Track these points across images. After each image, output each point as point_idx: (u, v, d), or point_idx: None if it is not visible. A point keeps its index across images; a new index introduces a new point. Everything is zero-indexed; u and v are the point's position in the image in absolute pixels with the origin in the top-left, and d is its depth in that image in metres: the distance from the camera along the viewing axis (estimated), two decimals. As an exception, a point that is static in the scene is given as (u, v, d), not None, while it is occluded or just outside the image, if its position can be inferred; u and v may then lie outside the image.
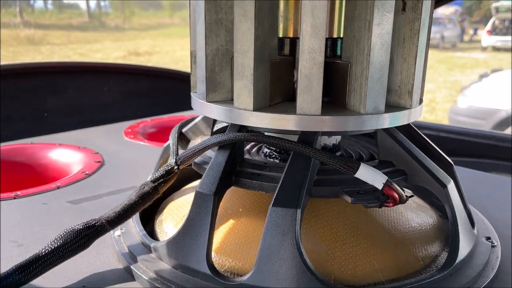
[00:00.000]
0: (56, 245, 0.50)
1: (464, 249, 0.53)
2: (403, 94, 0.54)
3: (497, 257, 0.56)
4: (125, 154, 0.98)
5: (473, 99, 3.83)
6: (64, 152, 0.97)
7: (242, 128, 0.54)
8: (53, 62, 1.26)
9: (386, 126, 0.52)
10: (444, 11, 13.63)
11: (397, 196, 0.48)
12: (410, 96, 0.53)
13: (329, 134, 0.55)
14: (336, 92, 0.54)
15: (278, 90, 0.55)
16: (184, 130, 0.67)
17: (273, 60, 0.52)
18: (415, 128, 0.61)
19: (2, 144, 1.00)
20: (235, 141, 0.52)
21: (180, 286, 0.48)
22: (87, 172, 0.85)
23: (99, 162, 0.91)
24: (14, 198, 0.73)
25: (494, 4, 12.24)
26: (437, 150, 0.61)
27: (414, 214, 0.62)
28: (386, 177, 0.48)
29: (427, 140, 0.61)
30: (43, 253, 0.49)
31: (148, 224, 0.65)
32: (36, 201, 0.73)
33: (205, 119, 0.65)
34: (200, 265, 0.49)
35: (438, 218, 0.64)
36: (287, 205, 0.47)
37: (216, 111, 0.54)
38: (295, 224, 0.46)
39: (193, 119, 0.69)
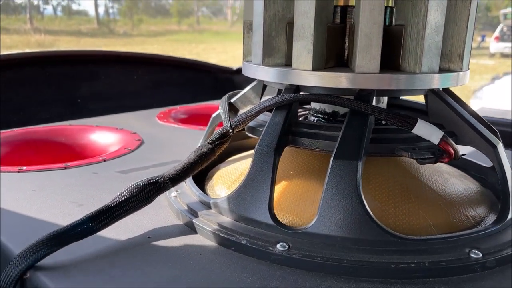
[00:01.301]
0: (124, 197, 0.52)
1: (514, 207, 0.55)
2: (454, 57, 0.56)
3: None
4: (162, 135, 1.01)
5: (485, 101, 3.84)
6: (103, 133, 1.00)
7: (297, 91, 0.56)
8: (85, 50, 1.29)
9: (437, 86, 0.54)
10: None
11: (452, 151, 0.50)
12: (461, 60, 0.56)
13: (382, 94, 0.57)
14: (390, 56, 0.56)
15: (331, 55, 0.57)
16: (232, 100, 0.69)
17: (330, 24, 0.55)
18: (457, 95, 0.63)
19: (41, 125, 1.03)
20: (292, 101, 0.55)
21: (243, 235, 0.50)
22: (130, 148, 0.87)
23: (139, 140, 0.93)
24: (65, 168, 0.76)
25: (502, 11, 12.24)
26: (482, 118, 0.63)
27: (458, 181, 0.64)
28: (443, 132, 0.50)
29: (471, 108, 0.63)
30: (113, 205, 0.51)
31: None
32: (86, 171, 0.75)
33: (254, 88, 0.68)
34: (262, 216, 0.51)
35: (480, 186, 0.66)
36: (348, 157, 0.49)
37: (273, 73, 0.56)
38: (357, 175, 0.48)
39: (240, 91, 0.71)
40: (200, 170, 0.60)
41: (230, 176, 0.65)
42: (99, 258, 0.48)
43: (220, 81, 1.57)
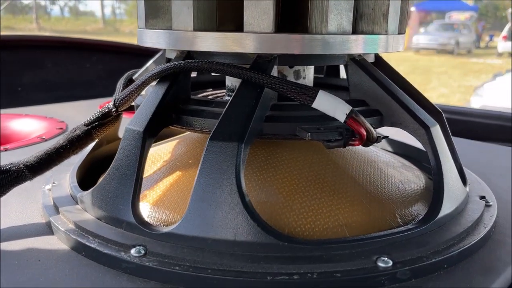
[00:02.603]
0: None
1: (449, 203, 0.44)
2: (378, 18, 0.45)
3: (491, 215, 0.46)
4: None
5: (486, 99, 3.69)
6: (28, 121, 0.90)
7: (187, 58, 0.46)
8: (30, 35, 1.20)
9: (355, 51, 0.44)
10: (459, 16, 13.45)
11: (363, 131, 0.40)
12: (386, 20, 0.45)
13: (287, 63, 0.47)
14: (299, 18, 0.45)
15: (229, 15, 0.46)
16: (134, 77, 0.59)
17: (222, -24, 0.44)
18: (397, 70, 0.53)
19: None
20: (174, 71, 0.44)
21: (97, 237, 0.40)
22: (44, 137, 0.77)
23: (61, 129, 0.83)
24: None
25: (511, 10, 12.03)
26: (423, 96, 0.52)
27: (397, 172, 0.53)
28: (350, 107, 0.39)
29: (411, 84, 0.52)
30: None
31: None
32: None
33: (157, 61, 0.57)
34: (124, 213, 0.40)
35: (426, 179, 0.55)
36: (228, 138, 0.39)
37: (154, 37, 0.46)
38: (237, 160, 0.38)
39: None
40: (93, 158, 0.50)
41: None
42: None
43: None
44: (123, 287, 0.35)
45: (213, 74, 0.61)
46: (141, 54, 1.43)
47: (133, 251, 0.37)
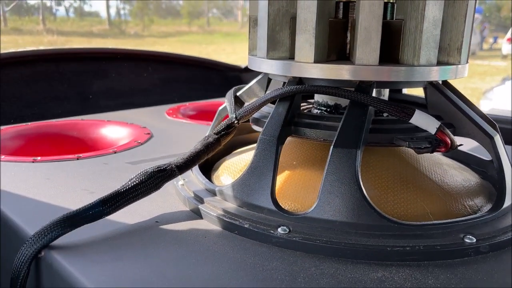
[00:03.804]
0: (133, 183, 0.54)
1: (510, 197, 0.56)
2: (452, 51, 0.58)
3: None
4: (170, 129, 1.04)
5: (495, 102, 3.82)
6: (114, 127, 1.03)
7: (300, 83, 0.59)
8: (97, 48, 1.32)
9: (436, 78, 0.56)
10: (463, 19, 13.50)
11: (449, 141, 0.52)
12: (459, 53, 0.57)
13: (382, 86, 0.59)
14: (390, 50, 0.58)
15: (333, 48, 0.59)
16: (238, 94, 0.71)
17: (332, 19, 0.57)
18: (460, 92, 0.65)
19: (55, 120, 1.06)
20: (294, 93, 0.57)
21: (246, 219, 0.52)
22: (139, 141, 0.90)
23: (148, 134, 0.96)
24: (77, 159, 0.79)
25: (515, 12, 12.09)
26: (481, 111, 0.65)
27: (458, 172, 0.65)
28: (439, 122, 0.52)
29: (470, 101, 0.65)
30: (122, 190, 0.54)
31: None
32: (97, 162, 0.78)
33: (260, 82, 0.70)
34: (265, 202, 0.53)
35: (480, 178, 0.67)
36: (348, 146, 0.51)
37: (277, 66, 0.58)
38: (355, 162, 0.51)
39: (246, 85, 0.74)
40: (206, 159, 0.62)
41: (235, 167, 0.68)
42: (109, 239, 0.51)
43: (228, 79, 1.60)
44: (277, 255, 0.48)
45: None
46: (189, 65, 1.57)
47: (279, 229, 0.50)
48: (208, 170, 0.73)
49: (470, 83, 8.17)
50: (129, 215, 0.56)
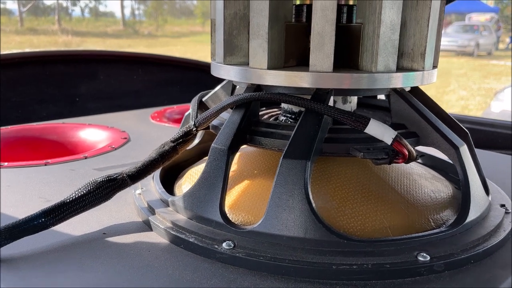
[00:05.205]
0: (80, 193, 0.53)
1: (475, 211, 0.53)
2: (416, 56, 0.55)
3: (510, 221, 0.55)
4: (150, 133, 1.02)
5: (507, 103, 3.73)
6: (93, 131, 1.01)
7: (258, 90, 0.56)
8: (85, 50, 1.32)
9: (397, 85, 0.53)
10: (479, 17, 13.33)
11: (406, 152, 0.49)
12: (423, 59, 0.54)
13: (341, 94, 0.57)
14: (350, 55, 0.55)
15: (293, 53, 0.56)
16: (204, 99, 0.69)
17: (289, 23, 0.54)
18: (430, 97, 0.62)
19: (36, 123, 1.05)
20: (249, 100, 0.55)
21: (193, 233, 0.50)
22: (113, 146, 0.89)
23: (125, 138, 0.95)
24: (45, 165, 0.78)
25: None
26: (452, 119, 0.62)
27: (428, 182, 0.62)
28: (396, 132, 0.49)
29: (441, 108, 0.62)
30: (68, 200, 0.52)
31: (168, 191, 0.68)
32: (65, 168, 0.77)
33: (225, 87, 0.68)
34: (213, 214, 0.51)
35: (453, 189, 0.64)
36: (298, 157, 0.49)
37: (233, 72, 0.56)
38: (305, 175, 0.48)
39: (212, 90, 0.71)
40: (178, 166, 0.60)
41: (197, 175, 0.65)
42: (49, 252, 0.49)
43: (222, 81, 1.58)
44: (218, 272, 0.46)
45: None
46: (180, 66, 1.55)
47: (224, 244, 0.48)
48: (175, 178, 0.71)
49: (485, 83, 8.03)
50: (78, 226, 0.55)
